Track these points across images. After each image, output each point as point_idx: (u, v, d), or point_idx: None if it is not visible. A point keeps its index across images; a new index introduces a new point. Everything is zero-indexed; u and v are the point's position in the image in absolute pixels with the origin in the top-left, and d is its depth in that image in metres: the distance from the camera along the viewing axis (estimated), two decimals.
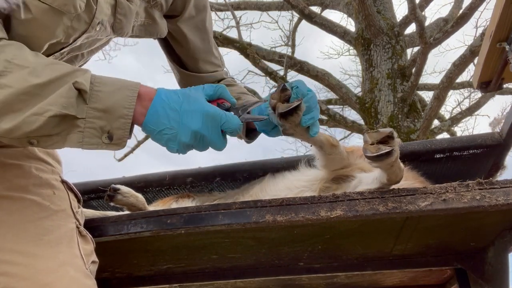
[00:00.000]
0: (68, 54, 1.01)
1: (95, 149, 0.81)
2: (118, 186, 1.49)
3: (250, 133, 1.18)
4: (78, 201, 1.02)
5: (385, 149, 0.87)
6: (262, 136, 1.14)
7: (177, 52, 1.31)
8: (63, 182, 1.00)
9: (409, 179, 1.23)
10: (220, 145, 0.89)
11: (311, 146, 1.17)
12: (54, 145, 0.80)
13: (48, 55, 0.90)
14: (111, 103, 0.80)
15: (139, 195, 1.51)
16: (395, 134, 0.89)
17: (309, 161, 1.45)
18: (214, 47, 1.37)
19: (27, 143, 0.79)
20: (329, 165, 1.27)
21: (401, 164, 0.97)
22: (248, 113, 0.93)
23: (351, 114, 8.61)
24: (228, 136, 0.90)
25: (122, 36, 1.08)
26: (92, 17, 0.94)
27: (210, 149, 0.91)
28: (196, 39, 1.29)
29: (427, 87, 9.05)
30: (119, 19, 1.02)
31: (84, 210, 1.30)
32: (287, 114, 0.89)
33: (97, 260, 0.96)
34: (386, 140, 0.89)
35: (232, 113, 0.90)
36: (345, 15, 8.16)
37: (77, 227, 0.95)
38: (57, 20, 0.86)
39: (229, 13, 8.47)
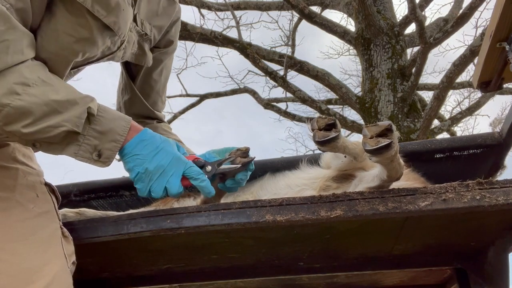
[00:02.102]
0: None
1: (84, 162, 0.94)
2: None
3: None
4: (58, 202, 1.07)
5: (384, 141, 0.86)
6: (261, 136, 1.16)
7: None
8: (46, 184, 1.05)
9: (410, 181, 1.22)
10: (175, 187, 1.00)
11: (345, 156, 1.20)
12: (53, 151, 0.92)
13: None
14: (109, 128, 0.95)
15: None
16: (394, 127, 0.88)
17: (310, 160, 1.45)
18: (163, 91, 1.51)
19: (31, 145, 0.90)
20: (344, 167, 1.27)
21: (401, 160, 0.97)
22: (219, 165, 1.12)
23: (351, 114, 8.64)
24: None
25: (121, 60, 1.22)
26: (124, 40, 1.09)
27: None
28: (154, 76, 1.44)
29: (427, 87, 9.05)
30: (125, 44, 1.14)
31: (85, 210, 1.30)
32: (325, 143, 0.95)
33: (75, 261, 1.00)
34: (385, 133, 0.88)
35: (209, 167, 1.09)
36: (345, 15, 8.17)
37: (61, 228, 0.99)
38: (103, 38, 1.00)
39: (229, 13, 8.46)
